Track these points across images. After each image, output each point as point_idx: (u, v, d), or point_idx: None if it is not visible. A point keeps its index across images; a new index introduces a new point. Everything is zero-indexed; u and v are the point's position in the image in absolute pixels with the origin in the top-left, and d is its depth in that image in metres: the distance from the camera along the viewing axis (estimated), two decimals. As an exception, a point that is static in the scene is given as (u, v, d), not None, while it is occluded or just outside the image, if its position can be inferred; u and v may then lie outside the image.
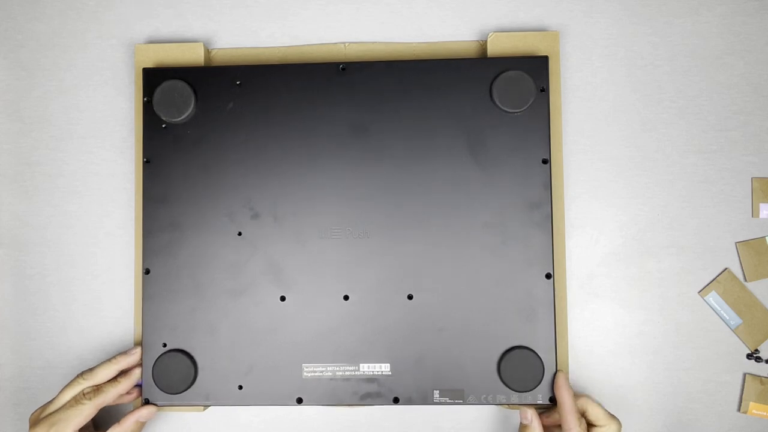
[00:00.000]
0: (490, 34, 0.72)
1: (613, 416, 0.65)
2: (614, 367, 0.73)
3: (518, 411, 0.71)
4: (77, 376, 0.67)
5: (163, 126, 0.70)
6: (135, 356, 0.69)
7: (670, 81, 0.74)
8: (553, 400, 0.66)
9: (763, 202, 0.73)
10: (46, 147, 0.77)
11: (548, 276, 0.67)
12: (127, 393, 0.70)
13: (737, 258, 0.73)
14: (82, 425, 0.66)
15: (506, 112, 0.68)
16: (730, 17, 0.74)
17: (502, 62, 0.69)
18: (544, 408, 0.68)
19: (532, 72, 0.68)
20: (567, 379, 0.66)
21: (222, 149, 0.69)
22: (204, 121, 0.70)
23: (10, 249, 0.76)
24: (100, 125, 0.76)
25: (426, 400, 0.67)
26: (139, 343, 0.71)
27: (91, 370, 0.68)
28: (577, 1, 0.75)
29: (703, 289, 0.73)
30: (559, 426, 0.66)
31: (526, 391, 0.66)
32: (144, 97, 0.70)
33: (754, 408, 0.71)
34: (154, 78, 0.70)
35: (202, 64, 0.73)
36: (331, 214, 0.68)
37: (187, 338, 0.68)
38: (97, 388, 0.67)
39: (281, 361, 0.68)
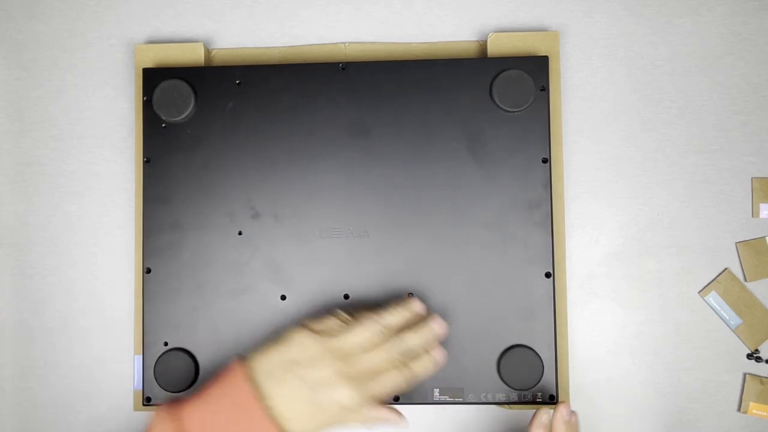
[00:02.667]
0: (490, 34, 0.72)
1: None
2: (614, 367, 0.73)
3: (518, 411, 0.71)
4: (376, 332, 0.59)
5: (163, 126, 0.70)
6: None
7: (670, 81, 0.74)
8: (554, 399, 0.66)
9: (763, 202, 0.73)
10: (46, 147, 0.77)
11: (548, 275, 0.67)
12: None
13: (737, 258, 0.73)
14: None
15: (506, 111, 0.68)
16: (730, 17, 0.74)
17: (502, 62, 0.69)
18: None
19: (532, 72, 0.68)
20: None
21: (222, 149, 0.69)
22: (204, 120, 0.70)
23: (10, 249, 0.76)
24: (100, 125, 0.76)
25: (426, 398, 0.67)
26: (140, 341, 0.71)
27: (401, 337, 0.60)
28: (577, 1, 0.75)
29: (703, 289, 0.73)
30: None
31: (525, 390, 0.66)
32: (144, 96, 0.70)
33: (754, 408, 0.71)
34: (154, 78, 0.70)
35: (202, 64, 0.73)
36: (331, 214, 0.68)
37: (188, 337, 0.68)
38: (408, 367, 0.59)
39: (281, 360, 0.68)
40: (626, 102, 0.74)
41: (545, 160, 0.68)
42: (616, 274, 0.73)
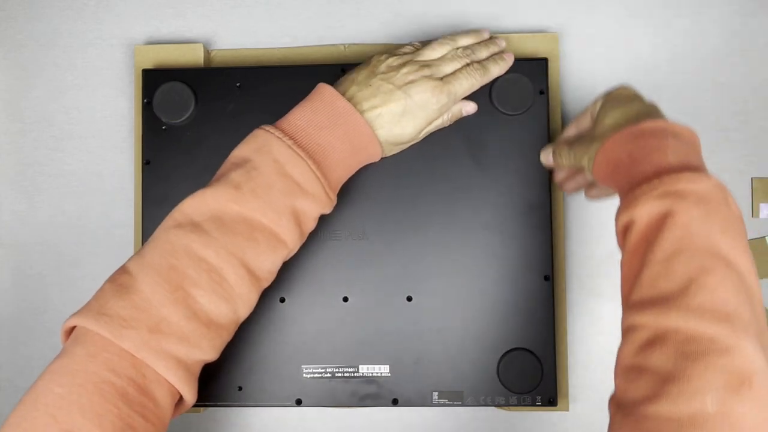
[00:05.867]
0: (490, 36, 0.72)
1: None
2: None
3: (517, 413, 0.72)
4: (451, 48, 0.65)
5: (164, 128, 0.70)
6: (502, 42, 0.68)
7: (670, 81, 0.74)
8: (553, 402, 0.66)
9: (763, 202, 0.73)
10: (46, 147, 0.77)
11: (546, 278, 0.67)
12: None
13: (737, 258, 0.73)
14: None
15: (506, 114, 0.68)
16: (730, 17, 0.74)
17: (502, 63, 0.68)
18: None
19: (532, 74, 0.68)
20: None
21: (222, 151, 0.69)
22: (204, 122, 0.69)
23: (10, 249, 0.76)
24: (100, 125, 0.76)
25: (425, 401, 0.67)
26: None
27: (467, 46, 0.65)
28: (577, 2, 0.75)
29: (702, 289, 0.73)
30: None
31: (525, 393, 0.66)
32: (144, 98, 0.70)
33: (753, 408, 0.71)
34: (153, 79, 0.70)
35: (202, 65, 0.73)
36: (330, 216, 0.68)
37: (187, 339, 0.68)
38: (482, 65, 0.65)
39: (281, 362, 0.68)
40: (626, 103, 0.74)
41: (545, 162, 0.68)
42: (616, 274, 0.73)
